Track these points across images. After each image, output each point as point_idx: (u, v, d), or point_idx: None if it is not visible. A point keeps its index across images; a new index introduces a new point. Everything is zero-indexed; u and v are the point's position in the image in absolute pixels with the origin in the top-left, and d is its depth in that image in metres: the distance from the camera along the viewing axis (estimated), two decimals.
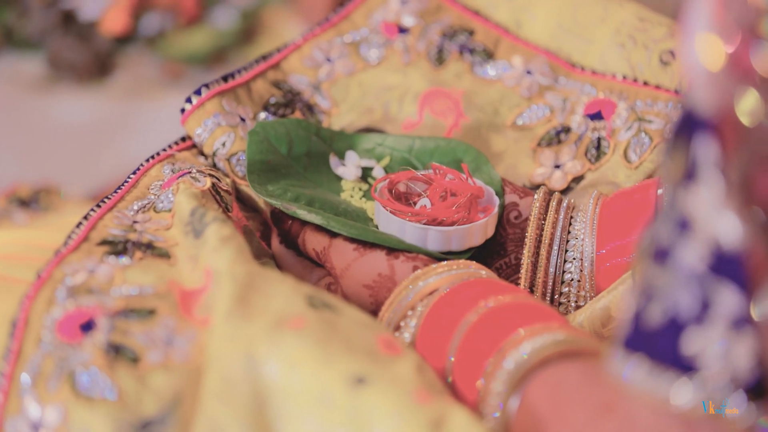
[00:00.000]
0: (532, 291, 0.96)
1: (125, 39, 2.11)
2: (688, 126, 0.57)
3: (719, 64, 0.54)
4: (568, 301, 0.96)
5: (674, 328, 0.60)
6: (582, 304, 0.95)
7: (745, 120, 0.52)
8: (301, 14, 2.19)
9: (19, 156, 1.88)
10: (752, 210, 0.54)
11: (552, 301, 0.96)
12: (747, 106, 0.53)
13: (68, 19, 2.08)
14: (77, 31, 2.07)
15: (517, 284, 0.96)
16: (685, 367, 0.59)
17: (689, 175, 0.58)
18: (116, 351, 0.78)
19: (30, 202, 1.52)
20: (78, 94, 2.04)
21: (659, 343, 0.60)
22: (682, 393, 0.59)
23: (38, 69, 2.09)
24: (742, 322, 0.57)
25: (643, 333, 0.61)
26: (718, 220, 0.57)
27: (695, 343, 0.59)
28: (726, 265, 0.58)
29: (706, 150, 0.57)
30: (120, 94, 2.05)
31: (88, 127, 1.96)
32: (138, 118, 1.98)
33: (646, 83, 1.07)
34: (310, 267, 0.98)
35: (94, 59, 2.06)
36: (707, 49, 0.55)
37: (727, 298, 0.58)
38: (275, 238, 1.01)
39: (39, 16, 2.07)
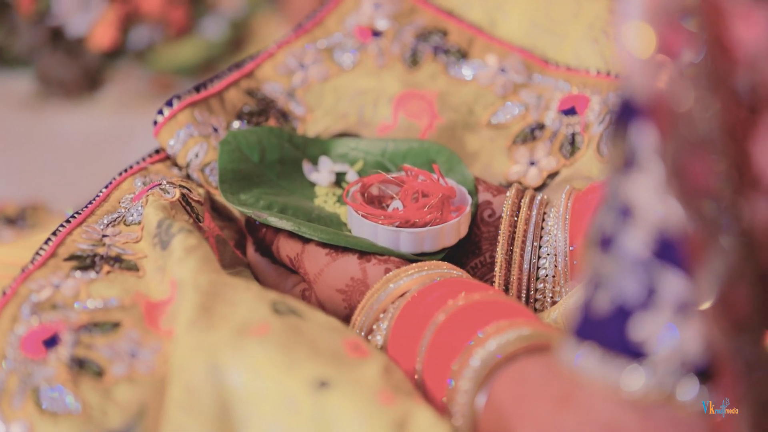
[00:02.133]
0: (507, 288, 0.95)
1: (114, 53, 2.11)
2: (626, 113, 0.57)
3: (650, 51, 0.54)
4: (544, 297, 0.95)
5: (622, 314, 0.60)
6: (558, 299, 0.95)
7: (674, 106, 0.52)
8: (291, 22, 2.18)
9: (10, 173, 1.88)
10: (688, 196, 0.54)
11: (528, 297, 0.95)
12: (676, 93, 0.53)
13: (56, 35, 2.08)
14: (66, 47, 2.08)
15: (492, 282, 0.96)
16: (634, 353, 0.59)
17: (629, 162, 0.58)
18: (80, 365, 0.78)
19: (17, 219, 1.52)
20: (68, 110, 2.05)
21: (608, 331, 0.60)
22: (633, 379, 0.60)
23: (28, 86, 2.10)
24: (688, 306, 0.57)
25: (592, 321, 0.62)
26: (659, 206, 0.57)
27: (643, 329, 0.59)
28: (669, 251, 0.58)
29: (644, 137, 0.57)
30: (110, 108, 2.06)
31: (79, 143, 1.97)
32: (128, 132, 1.98)
33: (618, 76, 1.07)
34: (286, 274, 0.98)
35: (84, 75, 2.07)
36: (638, 37, 0.55)
37: (672, 283, 0.58)
38: (250, 247, 1.01)
39: (27, 33, 2.08)
